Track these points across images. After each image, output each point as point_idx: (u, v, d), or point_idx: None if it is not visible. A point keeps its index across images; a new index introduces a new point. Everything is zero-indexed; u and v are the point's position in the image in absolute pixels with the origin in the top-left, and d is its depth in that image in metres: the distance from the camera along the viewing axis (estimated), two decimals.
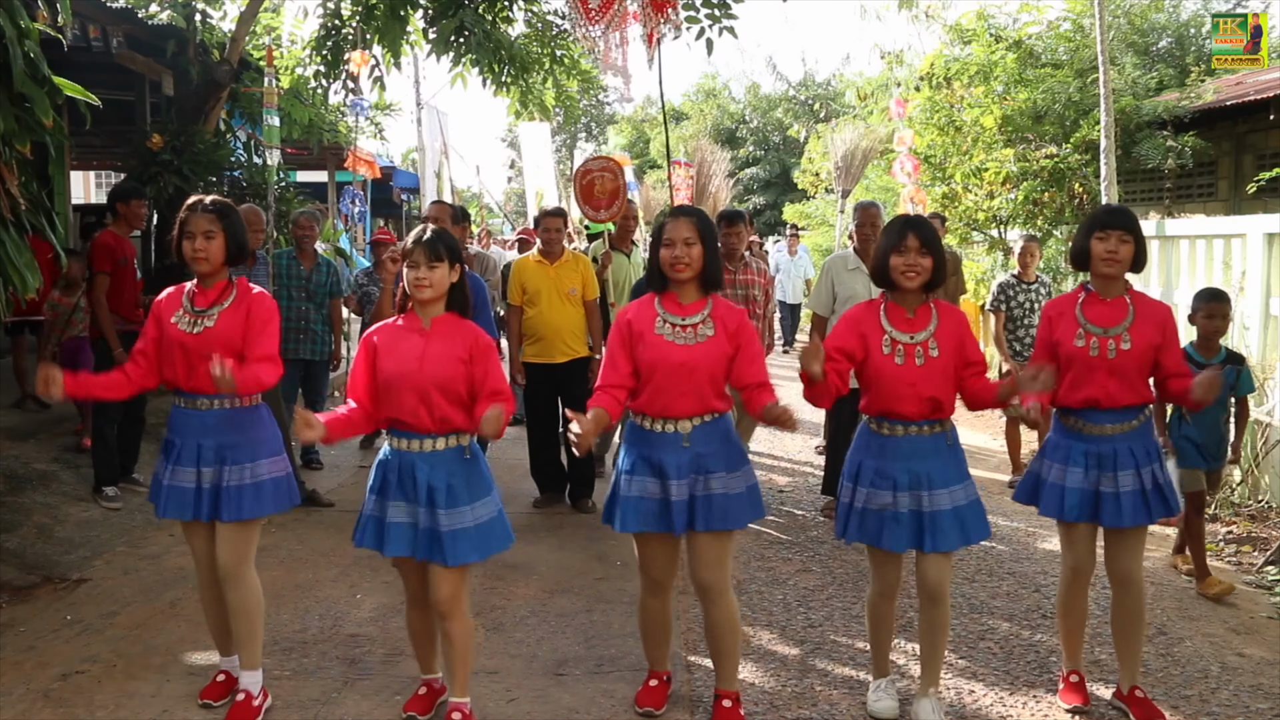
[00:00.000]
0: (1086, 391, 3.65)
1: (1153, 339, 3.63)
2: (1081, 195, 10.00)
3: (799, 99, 29.58)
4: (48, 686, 3.93)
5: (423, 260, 3.40)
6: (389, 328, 3.53)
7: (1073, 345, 3.67)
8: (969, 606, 4.88)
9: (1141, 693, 3.75)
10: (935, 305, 3.63)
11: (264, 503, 3.69)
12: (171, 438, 3.72)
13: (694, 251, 3.52)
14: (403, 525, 3.42)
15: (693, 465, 3.51)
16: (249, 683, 3.71)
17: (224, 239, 3.67)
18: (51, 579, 5.16)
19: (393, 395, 3.42)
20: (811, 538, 6.01)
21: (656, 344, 3.51)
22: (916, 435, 3.57)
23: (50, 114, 4.61)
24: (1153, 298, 3.85)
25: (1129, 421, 3.66)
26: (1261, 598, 5.07)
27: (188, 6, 8.77)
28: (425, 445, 3.43)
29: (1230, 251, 6.98)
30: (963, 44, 11.56)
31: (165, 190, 8.18)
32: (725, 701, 3.65)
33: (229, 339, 3.63)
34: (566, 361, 6.42)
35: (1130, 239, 3.63)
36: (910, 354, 3.54)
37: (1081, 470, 3.67)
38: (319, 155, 14.34)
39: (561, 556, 5.61)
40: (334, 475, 7.55)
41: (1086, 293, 3.75)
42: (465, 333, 3.49)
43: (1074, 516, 3.68)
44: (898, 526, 3.54)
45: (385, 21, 8.73)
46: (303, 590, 5.04)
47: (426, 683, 3.76)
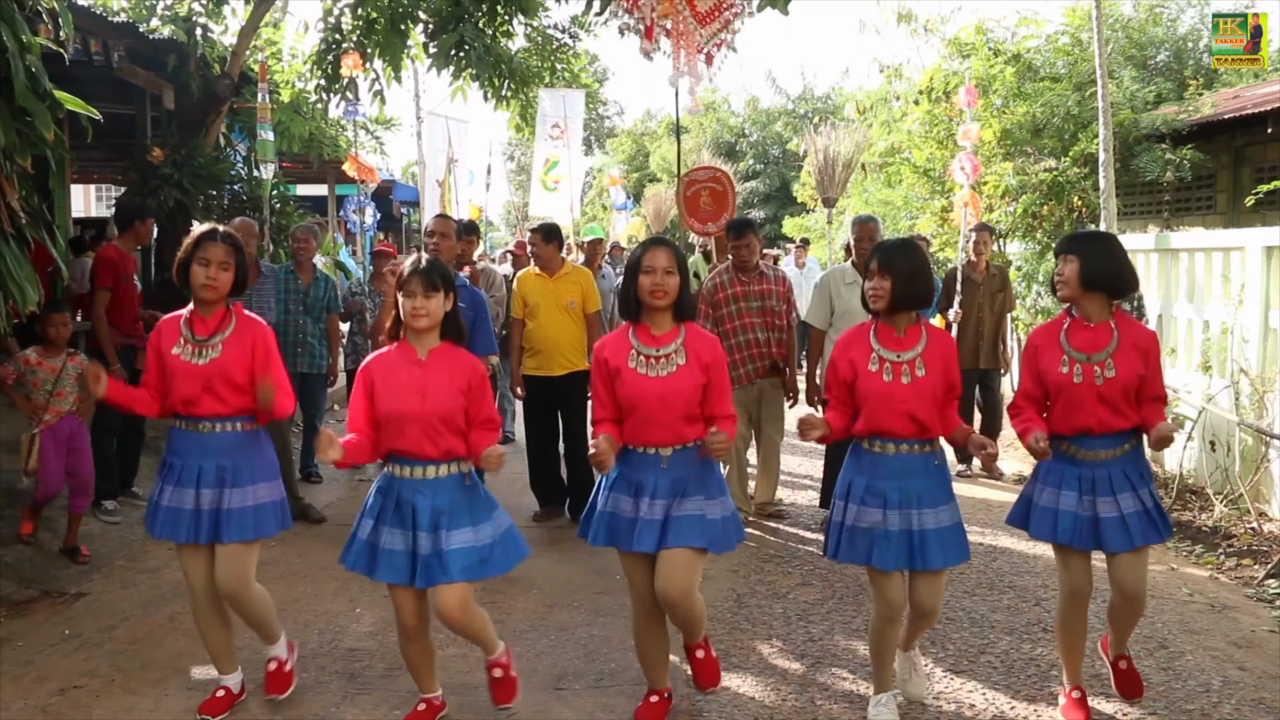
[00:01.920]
0: (1078, 420, 3.67)
1: (1138, 367, 3.63)
2: (1080, 209, 10.01)
3: (798, 112, 29.64)
4: (46, 701, 3.91)
5: (419, 290, 3.43)
6: (384, 359, 3.54)
7: (1058, 373, 3.68)
8: (969, 620, 4.87)
9: (1126, 663, 3.84)
10: (926, 328, 3.68)
11: (264, 524, 3.74)
12: (170, 459, 3.74)
13: (671, 281, 3.57)
14: (396, 553, 3.43)
15: (671, 488, 3.57)
16: (276, 652, 3.90)
17: (234, 272, 3.73)
18: (50, 593, 5.15)
19: (394, 427, 3.45)
20: (811, 551, 6.00)
21: (632, 379, 3.57)
22: (907, 454, 3.61)
23: (51, 128, 4.63)
24: (1139, 324, 3.85)
25: (1121, 446, 3.68)
26: (1263, 611, 5.05)
27: (189, 21, 8.80)
28: (428, 472, 3.45)
29: (1229, 264, 6.98)
30: (961, 58, 11.58)
31: (165, 204, 8.20)
32: (699, 652, 3.83)
33: (233, 371, 3.68)
34: (565, 374, 6.42)
35: (1073, 258, 3.66)
36: (897, 372, 3.59)
37: (1075, 494, 3.68)
38: (319, 169, 14.37)
39: (561, 570, 5.60)
40: (333, 488, 7.54)
41: (1071, 319, 3.76)
42: (462, 363, 3.53)
43: (1066, 540, 3.69)
44: (887, 545, 3.56)
45: (385, 36, 8.77)
46: (302, 604, 5.03)
47: (426, 700, 3.76)
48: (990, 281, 8.04)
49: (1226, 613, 4.99)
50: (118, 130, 9.21)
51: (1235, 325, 6.72)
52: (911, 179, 12.01)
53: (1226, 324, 6.80)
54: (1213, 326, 7.08)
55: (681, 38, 6.42)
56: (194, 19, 8.84)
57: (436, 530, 3.40)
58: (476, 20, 8.79)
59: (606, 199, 28.45)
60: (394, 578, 3.43)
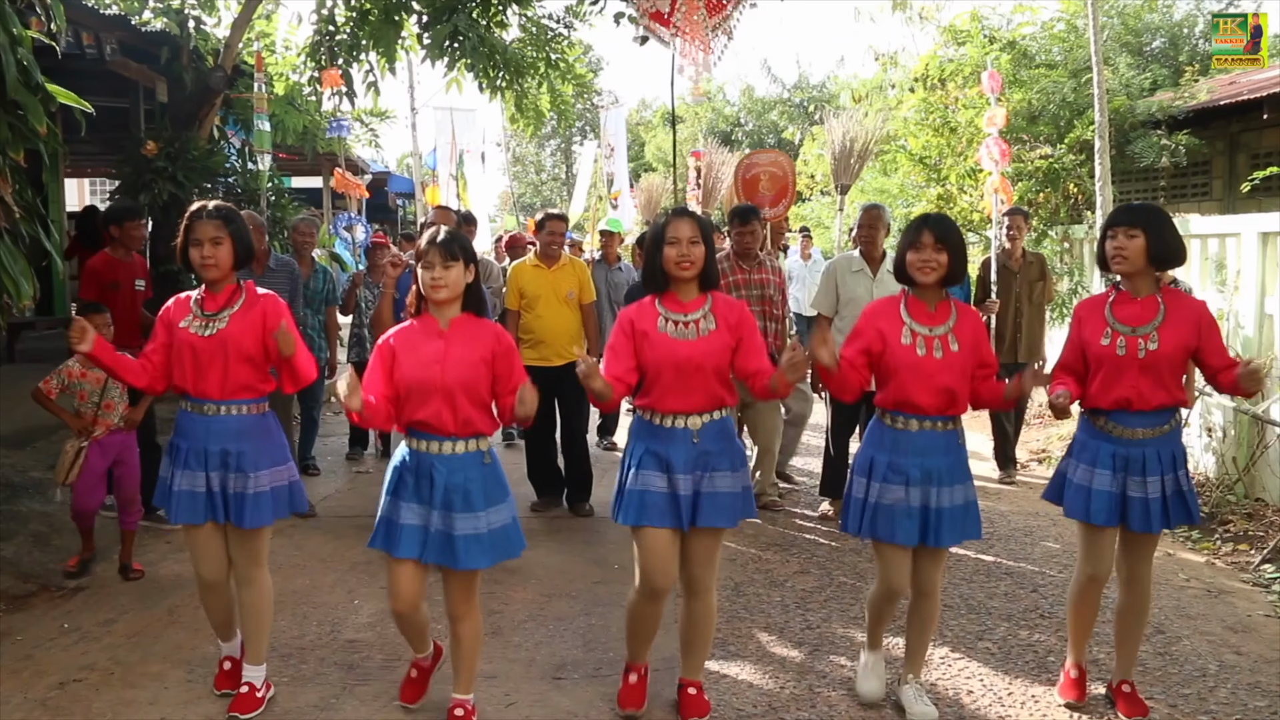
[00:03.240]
0: (1117, 392, 3.62)
1: (1186, 339, 3.58)
2: (1076, 195, 10.03)
3: (794, 101, 29.62)
4: (45, 695, 3.91)
5: (438, 260, 3.39)
6: (405, 331, 3.50)
7: (1099, 345, 3.64)
8: (967, 607, 4.88)
9: (1129, 688, 3.78)
10: (955, 304, 3.67)
11: (280, 507, 3.74)
12: (177, 441, 3.72)
13: (697, 251, 3.54)
14: (413, 528, 3.42)
15: (699, 462, 3.54)
16: (253, 675, 3.79)
17: (231, 244, 3.67)
18: (49, 587, 5.14)
19: (415, 399, 3.41)
20: (809, 540, 6.01)
21: (661, 342, 3.53)
22: (930, 430, 3.59)
23: (44, 121, 4.60)
24: (1189, 296, 3.79)
25: (1160, 426, 3.63)
26: (1259, 595, 5.07)
27: (181, 13, 8.77)
28: (445, 448, 3.42)
29: (1225, 250, 6.99)
30: (957, 45, 11.59)
31: (160, 197, 8.18)
32: (690, 689, 3.75)
33: (242, 341, 3.64)
34: (564, 365, 6.41)
35: (1137, 232, 3.58)
36: (930, 346, 3.57)
37: (1109, 473, 3.64)
38: (313, 161, 14.34)
39: (559, 560, 5.61)
40: (330, 481, 7.55)
41: (1117, 292, 3.73)
42: (485, 333, 3.49)
43: (1100, 520, 3.65)
44: (909, 521, 3.56)
45: (379, 27, 8.74)
46: (301, 596, 5.03)
47: (416, 664, 3.79)
48: (1028, 270, 7.47)
49: (1223, 598, 5.01)
50: (111, 124, 9.20)
51: (1231, 311, 6.73)
52: (907, 167, 12.01)
53: (1222, 310, 6.81)
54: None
55: (687, 27, 6.40)
56: (186, 11, 8.81)
57: (450, 510, 3.38)
58: (470, 10, 8.77)
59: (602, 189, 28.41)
60: (412, 552, 3.41)
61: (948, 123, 11.05)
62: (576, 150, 45.10)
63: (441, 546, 3.39)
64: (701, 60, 6.51)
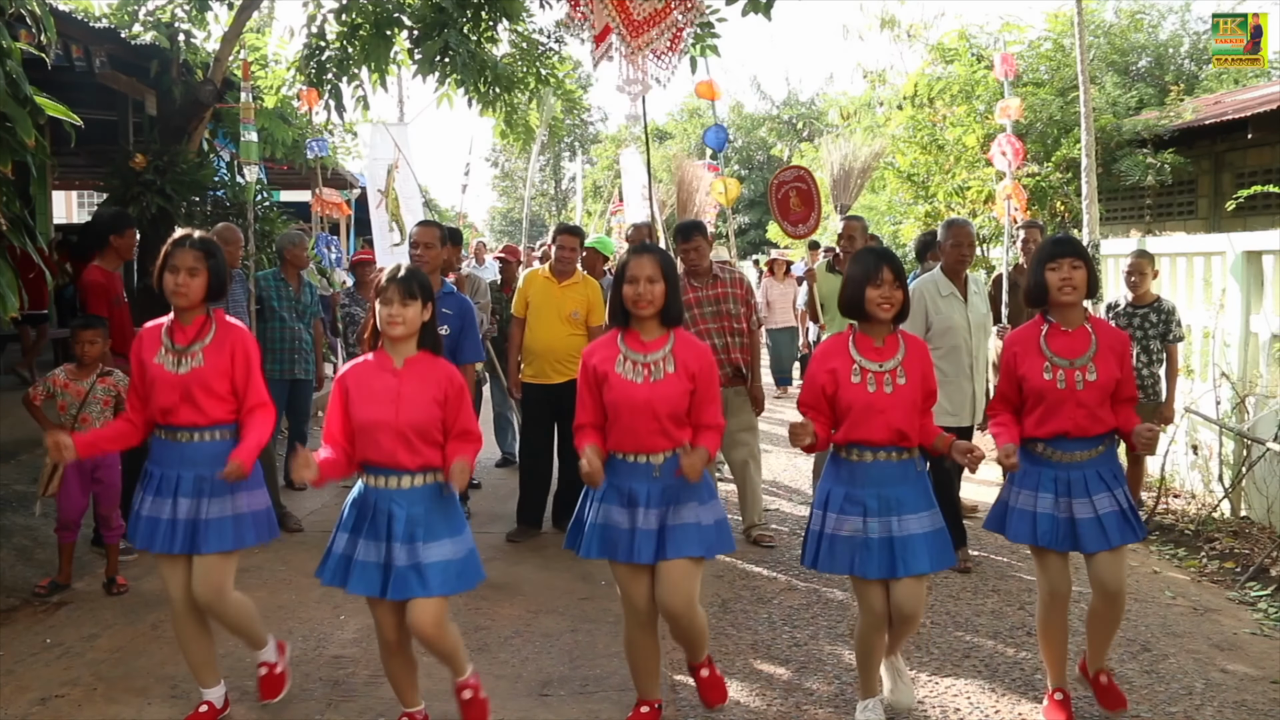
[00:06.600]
0: (1054, 425, 3.69)
1: (1115, 370, 3.68)
2: (1063, 213, 10.08)
3: (782, 118, 29.76)
4: (27, 711, 3.88)
5: (396, 298, 3.41)
6: (359, 369, 3.52)
7: (1041, 379, 3.70)
8: (953, 624, 4.88)
9: (1106, 678, 3.83)
10: (902, 335, 3.70)
11: (244, 535, 3.70)
12: (150, 467, 3.71)
13: (656, 289, 3.55)
14: (369, 565, 3.40)
15: (663, 496, 3.55)
16: (265, 655, 3.87)
17: (206, 277, 3.67)
18: (31, 602, 5.11)
19: (368, 438, 3.42)
20: (796, 556, 5.98)
21: (619, 385, 3.56)
22: (885, 461, 3.61)
23: (32, 134, 4.59)
24: (1112, 326, 3.88)
25: (1096, 448, 3.72)
26: (1245, 614, 5.08)
27: (171, 27, 8.76)
28: (403, 482, 3.42)
29: (1210, 269, 7.03)
30: (945, 63, 11.66)
31: (148, 210, 8.15)
32: (704, 671, 3.80)
33: (215, 378, 3.65)
34: (563, 383, 6.20)
35: (1081, 264, 3.67)
36: (880, 382, 3.59)
37: (1051, 496, 3.71)
38: (303, 175, 14.33)
39: (546, 576, 5.59)
40: (317, 496, 7.51)
41: (1048, 324, 3.77)
42: (439, 373, 3.49)
43: (1046, 542, 3.71)
44: (868, 553, 3.56)
45: (370, 41, 8.74)
46: (286, 612, 5.01)
47: (408, 715, 3.72)
48: None
49: (1209, 615, 5.02)
50: (100, 136, 9.17)
51: (1216, 329, 6.77)
52: (895, 184, 12.06)
53: (1208, 328, 6.85)
54: (1194, 331, 7.12)
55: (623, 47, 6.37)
56: (176, 25, 8.79)
57: (413, 541, 3.37)
58: (461, 26, 8.77)
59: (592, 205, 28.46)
60: (366, 590, 3.39)
61: (936, 140, 11.11)
62: (565, 167, 45.21)
63: (408, 578, 3.36)
64: (638, 80, 6.48)
